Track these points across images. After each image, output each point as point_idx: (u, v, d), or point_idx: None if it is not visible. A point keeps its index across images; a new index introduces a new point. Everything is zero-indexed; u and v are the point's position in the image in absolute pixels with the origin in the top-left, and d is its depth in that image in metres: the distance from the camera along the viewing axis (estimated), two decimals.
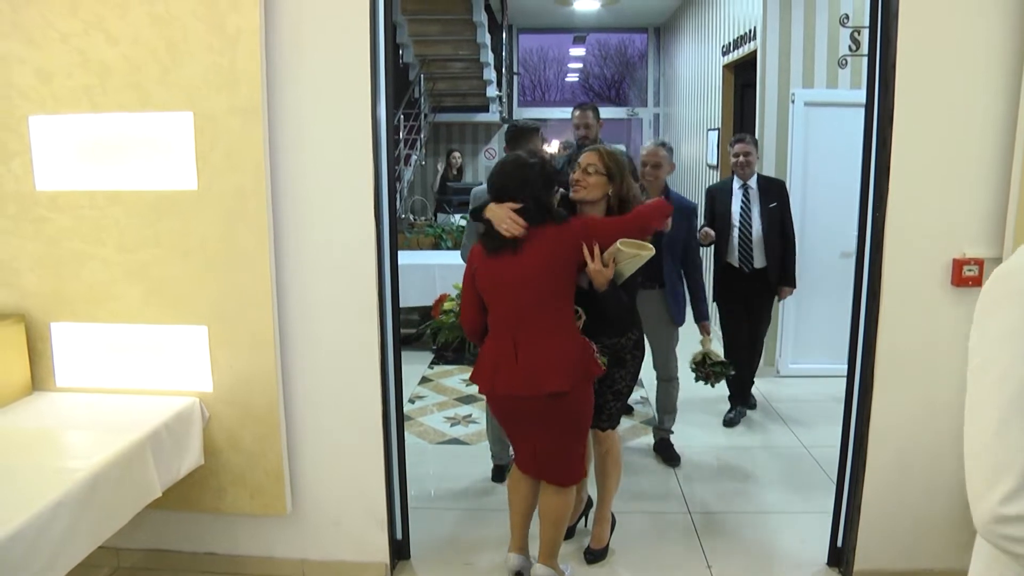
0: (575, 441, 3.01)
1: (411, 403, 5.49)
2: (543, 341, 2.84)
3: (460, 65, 11.12)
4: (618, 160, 3.12)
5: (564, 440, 2.97)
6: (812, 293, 5.97)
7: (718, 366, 4.40)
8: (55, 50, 2.87)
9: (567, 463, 3.02)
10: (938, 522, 3.12)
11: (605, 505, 3.49)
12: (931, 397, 3.03)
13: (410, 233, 7.62)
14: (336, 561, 3.27)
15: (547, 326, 2.85)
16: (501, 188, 2.91)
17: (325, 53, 2.93)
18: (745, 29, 6.69)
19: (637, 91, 14.63)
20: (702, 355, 4.42)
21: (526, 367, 2.84)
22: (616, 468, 3.48)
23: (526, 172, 2.89)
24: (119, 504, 2.49)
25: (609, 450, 3.42)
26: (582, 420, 3.01)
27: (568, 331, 2.89)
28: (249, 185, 2.90)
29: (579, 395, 2.92)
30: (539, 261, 2.83)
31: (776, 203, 4.90)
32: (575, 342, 2.90)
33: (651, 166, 4.24)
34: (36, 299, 3.04)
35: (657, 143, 4.32)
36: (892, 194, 2.90)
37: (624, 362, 3.29)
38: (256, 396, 3.04)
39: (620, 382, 3.31)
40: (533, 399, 2.85)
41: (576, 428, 3.00)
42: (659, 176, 4.24)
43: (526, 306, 2.86)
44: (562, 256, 2.85)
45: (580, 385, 2.89)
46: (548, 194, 2.92)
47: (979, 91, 2.85)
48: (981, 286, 2.87)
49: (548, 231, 2.85)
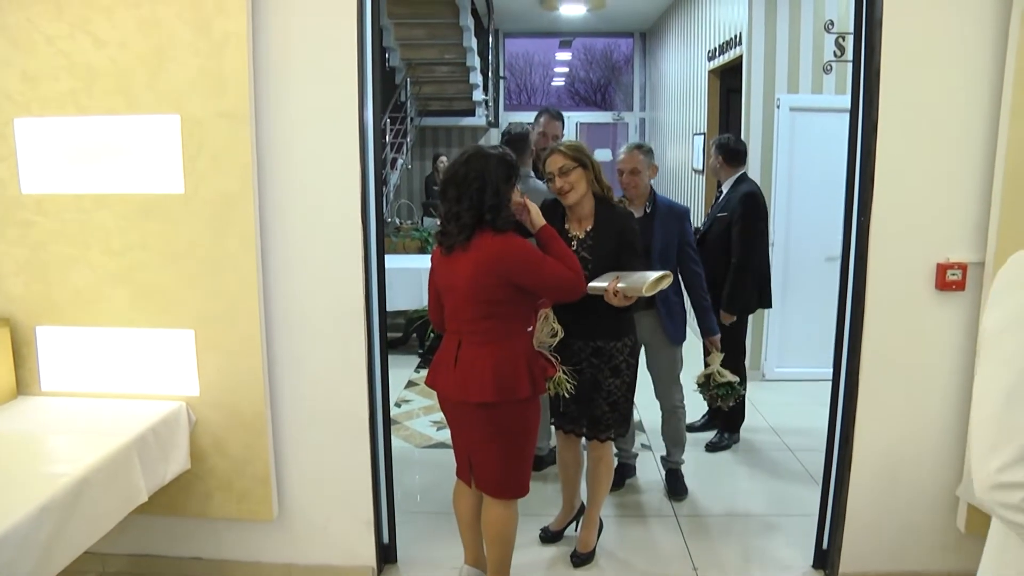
0: (510, 456, 2.87)
1: (397, 407, 5.48)
2: (477, 349, 2.78)
3: (446, 69, 11.13)
4: (578, 147, 3.18)
5: (497, 451, 2.85)
6: (797, 297, 6.01)
7: (724, 387, 4.06)
8: (40, 53, 2.85)
9: (501, 476, 2.89)
10: (924, 524, 3.15)
11: (593, 510, 3.48)
12: (916, 400, 3.06)
13: (396, 237, 7.62)
14: (323, 565, 3.26)
15: (483, 334, 2.78)
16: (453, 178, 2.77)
17: (312, 57, 2.93)
18: (731, 35, 6.73)
19: (623, 95, 14.67)
20: (706, 375, 4.09)
21: (460, 371, 2.79)
22: (608, 475, 3.45)
23: (487, 162, 2.76)
24: (105, 509, 2.48)
25: (602, 457, 3.39)
26: (517, 436, 2.86)
27: (504, 343, 2.78)
28: (236, 189, 2.89)
29: (511, 410, 2.80)
30: (470, 270, 2.73)
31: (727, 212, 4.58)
32: (511, 355, 2.78)
33: (628, 172, 3.85)
34: (21, 303, 3.02)
35: (632, 147, 3.92)
36: (876, 199, 2.92)
37: (619, 370, 3.23)
38: (243, 400, 3.03)
39: (616, 392, 3.25)
40: (463, 404, 2.82)
41: (510, 443, 2.85)
42: (639, 183, 3.84)
43: (464, 310, 2.80)
44: (486, 273, 2.72)
45: (512, 401, 2.77)
46: (507, 187, 2.77)
47: (962, 97, 2.88)
48: (965, 290, 2.93)
49: (484, 240, 2.73)
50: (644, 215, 3.83)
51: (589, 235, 3.20)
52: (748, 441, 4.92)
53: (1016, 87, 2.76)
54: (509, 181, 2.79)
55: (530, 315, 2.86)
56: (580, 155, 3.14)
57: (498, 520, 2.94)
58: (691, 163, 8.32)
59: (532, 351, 2.88)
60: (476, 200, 2.71)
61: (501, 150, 2.86)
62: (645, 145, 3.98)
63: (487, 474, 2.90)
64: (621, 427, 3.35)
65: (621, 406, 3.29)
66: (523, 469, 2.93)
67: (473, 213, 2.72)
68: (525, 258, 2.74)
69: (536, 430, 2.95)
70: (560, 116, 4.53)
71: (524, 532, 3.24)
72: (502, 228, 2.74)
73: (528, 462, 2.95)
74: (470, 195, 2.70)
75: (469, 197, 2.71)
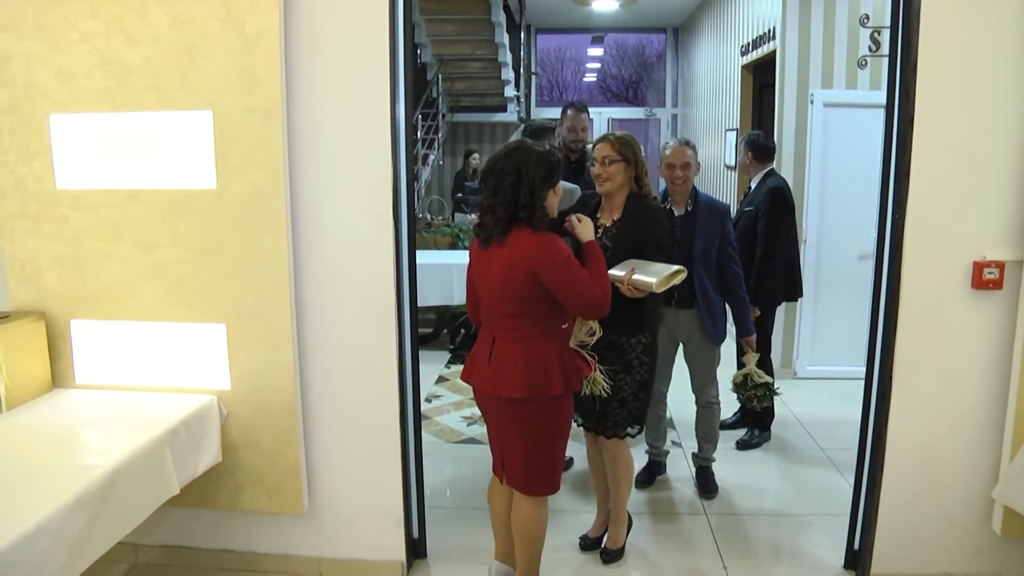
0: (541, 452, 2.85)
1: (428, 402, 5.50)
2: (510, 345, 2.77)
3: (478, 65, 11.12)
4: (630, 143, 3.23)
5: (527, 447, 2.83)
6: (829, 295, 5.95)
7: (761, 388, 4.04)
8: (76, 51, 2.89)
9: (531, 472, 2.87)
10: (958, 526, 3.10)
11: (618, 507, 3.46)
12: (950, 401, 3.01)
13: (427, 233, 7.63)
14: (353, 559, 3.28)
15: (516, 330, 2.76)
16: (492, 169, 2.75)
17: (344, 53, 2.94)
18: (764, 29, 6.66)
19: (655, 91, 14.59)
20: (743, 375, 4.08)
21: (494, 366, 2.79)
22: (626, 472, 3.40)
23: (527, 157, 2.72)
24: (137, 501, 2.51)
25: (616, 457, 3.35)
26: (547, 434, 2.84)
27: (538, 341, 2.76)
28: (267, 184, 2.91)
29: (543, 407, 2.78)
30: (504, 265, 2.71)
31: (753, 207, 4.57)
32: (543, 352, 2.76)
33: (680, 167, 3.77)
34: (56, 297, 3.07)
35: (681, 142, 3.86)
36: (912, 196, 2.88)
37: (630, 367, 3.21)
38: (274, 395, 3.05)
39: (626, 389, 3.22)
40: (496, 399, 2.81)
41: (540, 440, 2.83)
42: (688, 177, 3.79)
43: (497, 306, 2.79)
44: (519, 270, 2.69)
45: (544, 398, 2.75)
46: (544, 186, 2.73)
47: (1000, 93, 2.82)
48: (1001, 289, 2.87)
49: (520, 236, 2.70)
50: (686, 213, 3.81)
51: (615, 224, 3.23)
52: (779, 439, 4.88)
53: None
54: (547, 180, 2.74)
55: (565, 313, 2.81)
56: (626, 150, 3.20)
57: (528, 517, 2.93)
58: (724, 159, 8.26)
59: (566, 349, 2.86)
60: (511, 195, 2.69)
61: (547, 147, 2.82)
62: (691, 141, 3.92)
63: (517, 470, 2.89)
64: (632, 425, 3.30)
65: (631, 404, 3.25)
66: (553, 467, 2.91)
67: (507, 207, 2.70)
68: (559, 262, 2.69)
69: (568, 429, 2.93)
70: (585, 109, 4.58)
71: (557, 532, 3.23)
72: (539, 226, 2.72)
73: (559, 460, 2.93)
74: (504, 189, 2.68)
75: (504, 191, 2.68)
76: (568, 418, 2.91)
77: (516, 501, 2.95)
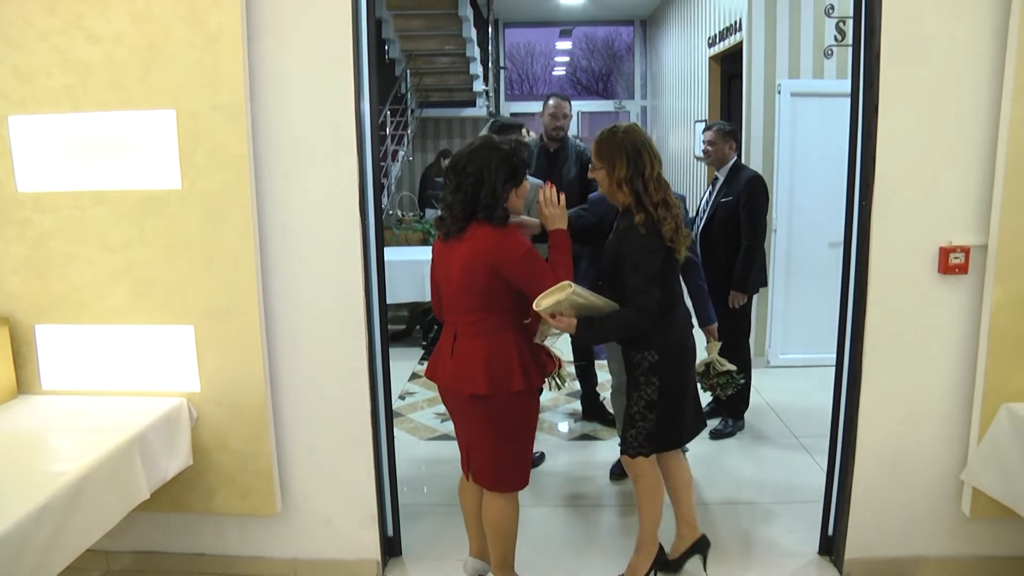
0: (504, 449, 2.83)
1: (401, 399, 5.48)
2: (472, 340, 2.75)
3: (446, 60, 11.09)
4: (608, 142, 2.94)
5: (492, 444, 2.82)
6: (801, 284, 5.99)
7: (723, 376, 3.95)
8: (34, 49, 2.84)
9: (497, 469, 2.85)
10: (927, 508, 3.14)
11: (641, 532, 3.18)
12: (919, 385, 3.04)
13: (398, 229, 7.60)
14: (327, 560, 3.26)
15: (476, 325, 2.74)
16: (455, 166, 2.72)
17: (307, 48, 2.91)
18: (731, 20, 6.69)
19: (624, 84, 14.63)
20: (705, 364, 3.96)
21: (456, 362, 2.77)
22: (646, 497, 3.10)
23: (490, 158, 2.67)
24: (107, 507, 2.48)
25: (637, 477, 3.10)
26: (511, 430, 2.81)
27: (498, 335, 2.73)
28: (233, 183, 2.88)
29: (505, 403, 2.75)
30: (464, 259, 2.69)
31: (732, 197, 4.54)
32: (503, 348, 2.73)
33: None
34: (20, 301, 3.02)
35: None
36: (878, 182, 2.90)
37: (637, 384, 2.99)
38: (244, 395, 3.03)
39: (633, 406, 3.01)
40: (458, 395, 2.80)
41: (503, 436, 2.81)
42: None
43: (458, 300, 2.76)
44: (478, 263, 2.66)
45: (505, 393, 2.73)
46: (506, 187, 2.69)
47: (964, 80, 2.84)
48: (967, 273, 2.90)
49: (480, 230, 2.68)
50: None
51: None
52: (753, 428, 4.90)
53: (1018, 68, 2.73)
54: (509, 182, 2.70)
55: (527, 307, 2.75)
56: (600, 151, 2.94)
57: (497, 515, 2.91)
58: (693, 150, 8.29)
59: (529, 344, 2.84)
60: (471, 195, 2.67)
61: (511, 147, 2.75)
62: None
63: (482, 467, 2.88)
64: (642, 446, 3.02)
65: (639, 423, 3.00)
66: (517, 463, 2.88)
67: (466, 207, 2.68)
68: (518, 256, 2.66)
69: (534, 424, 2.91)
70: (567, 97, 4.63)
71: None
72: (499, 224, 2.70)
73: (525, 456, 2.91)
74: (465, 188, 2.66)
75: (464, 191, 2.67)
76: (534, 414, 2.89)
77: (485, 498, 2.94)
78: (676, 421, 3.05)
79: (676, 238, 2.88)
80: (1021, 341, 2.89)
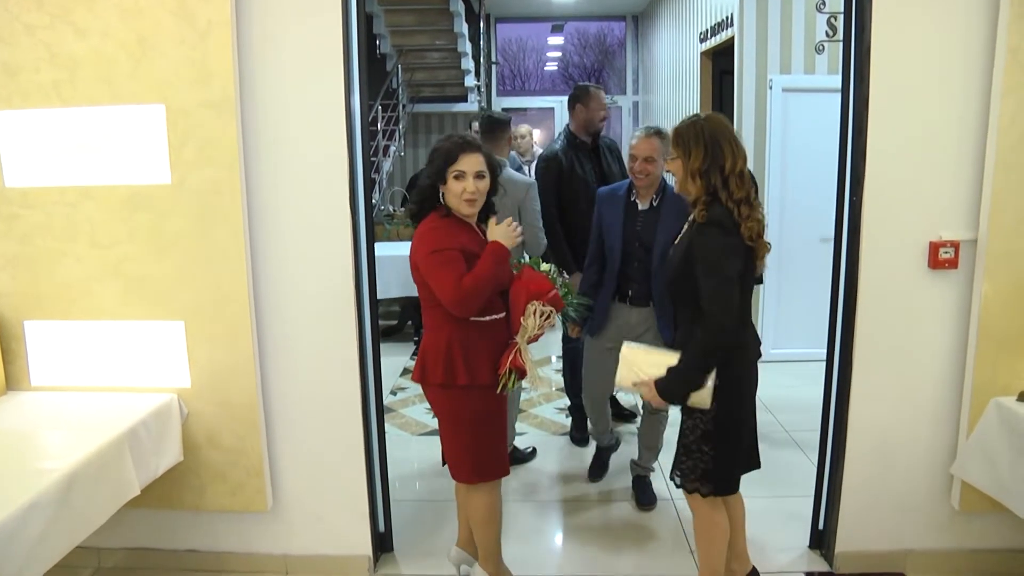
0: (462, 440, 2.84)
1: (393, 395, 5.47)
2: (427, 333, 2.86)
3: (438, 55, 11.05)
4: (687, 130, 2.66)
5: (454, 435, 2.86)
6: (792, 278, 6.00)
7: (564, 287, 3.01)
8: (21, 44, 2.82)
9: (463, 460, 2.88)
10: (917, 502, 3.15)
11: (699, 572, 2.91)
12: (909, 378, 3.05)
13: (390, 224, 7.58)
14: (319, 555, 3.26)
15: (428, 318, 2.84)
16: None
17: (297, 43, 2.90)
18: (722, 16, 6.68)
19: (616, 79, 14.61)
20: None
21: (420, 354, 2.87)
22: (704, 537, 2.82)
23: (430, 156, 2.80)
24: (96, 504, 2.47)
25: (694, 512, 2.83)
26: (469, 420, 2.81)
27: (440, 328, 2.78)
28: (223, 179, 2.87)
29: (460, 395, 2.78)
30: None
31: None
32: (446, 341, 2.75)
33: (642, 160, 3.46)
34: (9, 298, 3.00)
35: (650, 131, 3.48)
36: (868, 178, 2.91)
37: (691, 410, 2.68)
38: (235, 391, 3.02)
39: (688, 434, 2.71)
40: (423, 384, 2.89)
41: (465, 427, 2.82)
42: (652, 172, 3.45)
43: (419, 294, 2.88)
44: (411, 259, 2.80)
45: (454, 386, 2.76)
46: (430, 181, 2.76)
47: (954, 75, 2.86)
48: (957, 268, 2.91)
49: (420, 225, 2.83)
50: (650, 208, 3.54)
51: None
52: None
53: (1008, 64, 2.74)
54: (433, 176, 2.75)
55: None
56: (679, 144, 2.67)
57: (474, 505, 2.94)
58: None
59: (475, 341, 2.78)
60: (416, 192, 2.82)
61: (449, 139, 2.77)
62: (665, 132, 3.41)
63: (451, 458, 2.93)
64: (698, 482, 2.70)
65: (695, 454, 2.69)
66: (482, 455, 2.86)
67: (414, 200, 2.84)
68: (423, 254, 2.72)
69: (496, 418, 2.89)
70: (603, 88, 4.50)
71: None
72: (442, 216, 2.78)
73: (492, 448, 2.88)
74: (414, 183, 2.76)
75: (414, 185, 2.76)
76: (495, 407, 2.87)
77: (464, 489, 2.99)
78: (736, 457, 2.73)
79: (758, 243, 2.63)
80: (1010, 335, 2.90)
